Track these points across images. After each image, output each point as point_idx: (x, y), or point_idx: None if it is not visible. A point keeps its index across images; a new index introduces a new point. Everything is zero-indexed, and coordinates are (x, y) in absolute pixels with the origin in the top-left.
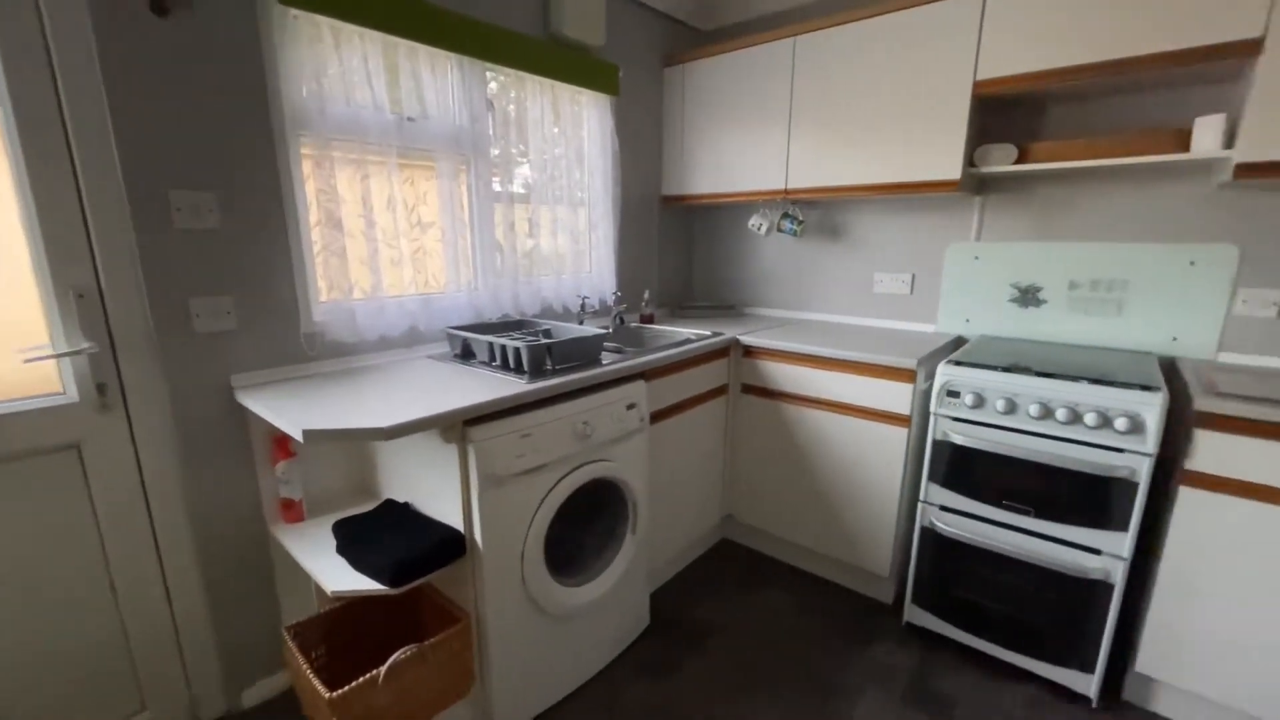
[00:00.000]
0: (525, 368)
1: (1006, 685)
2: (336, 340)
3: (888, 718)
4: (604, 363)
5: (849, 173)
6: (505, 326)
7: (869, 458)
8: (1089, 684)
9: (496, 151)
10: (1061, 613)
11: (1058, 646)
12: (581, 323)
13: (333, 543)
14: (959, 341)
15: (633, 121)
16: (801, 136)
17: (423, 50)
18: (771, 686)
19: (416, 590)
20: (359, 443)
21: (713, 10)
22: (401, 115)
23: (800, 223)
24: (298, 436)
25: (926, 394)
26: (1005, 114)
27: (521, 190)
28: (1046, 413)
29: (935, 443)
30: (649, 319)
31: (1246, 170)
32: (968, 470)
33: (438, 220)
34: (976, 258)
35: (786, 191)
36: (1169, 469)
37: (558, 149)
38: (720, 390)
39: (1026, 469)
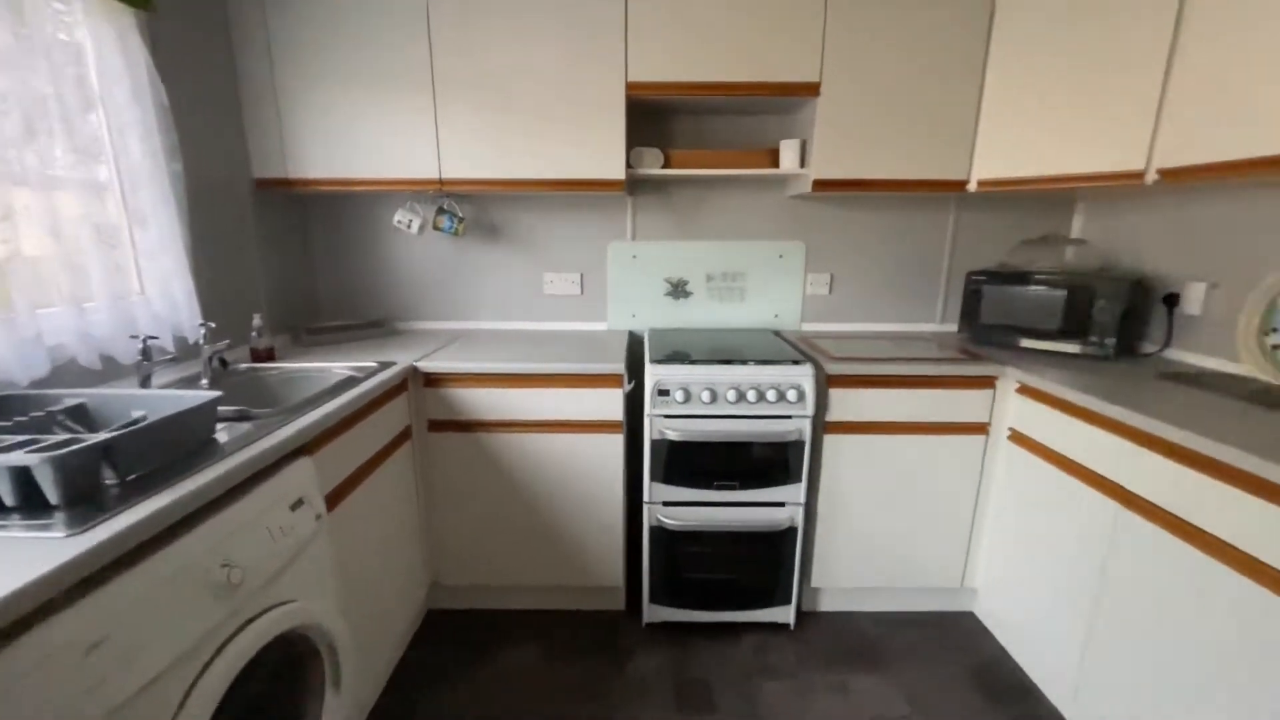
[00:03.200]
0: (55, 502)
1: (739, 641)
2: None
3: None
4: (222, 444)
5: (518, 165)
6: None
7: (587, 471)
8: (789, 614)
9: None
10: (767, 564)
11: (768, 593)
12: (147, 380)
13: None
14: (633, 337)
15: (193, 64)
16: (454, 117)
17: None
18: None
19: None
20: None
21: None
22: None
23: (461, 220)
24: None
25: (631, 396)
26: (652, 121)
27: None
28: (740, 396)
29: (654, 442)
30: (268, 355)
31: (817, 184)
32: (685, 462)
33: None
34: (634, 256)
35: (441, 182)
36: (819, 424)
37: (25, 78)
38: (402, 436)
39: (732, 449)
